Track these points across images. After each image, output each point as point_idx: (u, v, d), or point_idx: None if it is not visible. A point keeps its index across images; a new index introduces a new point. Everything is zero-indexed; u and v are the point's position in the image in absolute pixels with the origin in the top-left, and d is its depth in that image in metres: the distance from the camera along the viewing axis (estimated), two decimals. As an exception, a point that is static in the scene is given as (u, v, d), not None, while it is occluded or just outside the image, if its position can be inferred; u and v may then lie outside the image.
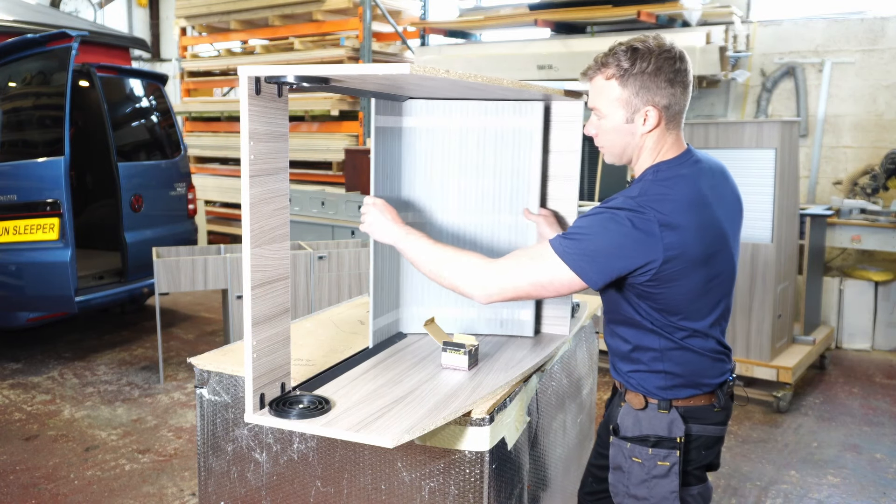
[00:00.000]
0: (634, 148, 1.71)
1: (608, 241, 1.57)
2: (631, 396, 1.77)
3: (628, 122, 1.67)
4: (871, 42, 5.92)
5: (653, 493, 1.72)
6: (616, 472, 1.77)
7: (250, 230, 1.54)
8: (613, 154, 1.75)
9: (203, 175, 9.01)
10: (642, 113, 1.66)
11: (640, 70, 1.63)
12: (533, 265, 1.62)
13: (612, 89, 1.66)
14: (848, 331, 5.57)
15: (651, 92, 1.64)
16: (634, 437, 1.74)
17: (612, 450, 1.77)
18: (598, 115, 1.71)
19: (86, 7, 10.42)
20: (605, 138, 1.73)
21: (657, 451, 1.71)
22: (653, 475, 1.71)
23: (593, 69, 1.69)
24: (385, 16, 7.46)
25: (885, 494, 3.39)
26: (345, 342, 2.13)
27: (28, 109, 5.12)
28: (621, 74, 1.64)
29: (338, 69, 1.49)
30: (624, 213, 1.57)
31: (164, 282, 4.51)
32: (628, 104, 1.66)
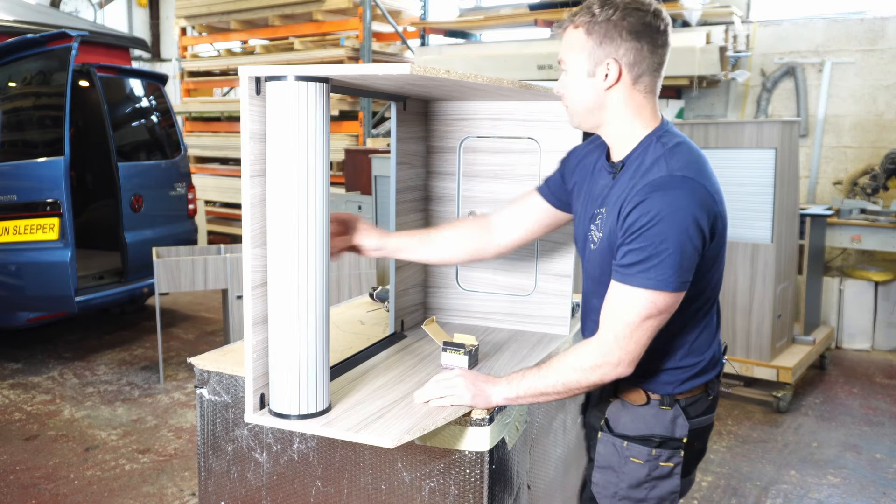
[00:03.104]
0: (599, 108, 1.58)
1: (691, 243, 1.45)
2: (628, 392, 1.65)
3: (590, 77, 1.55)
4: (871, 42, 5.92)
5: (652, 494, 1.63)
6: (605, 471, 1.66)
7: (250, 230, 1.54)
8: (577, 114, 1.61)
9: (203, 175, 9.02)
10: (604, 66, 1.53)
11: (606, 17, 1.51)
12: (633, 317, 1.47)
13: (577, 38, 1.55)
14: (848, 331, 5.57)
15: (614, 44, 1.52)
16: (635, 436, 1.63)
17: (602, 447, 1.66)
18: (563, 68, 1.59)
19: (86, 7, 10.42)
20: (570, 96, 1.60)
21: (661, 452, 1.61)
22: (654, 476, 1.62)
23: (566, 22, 1.59)
24: (385, 16, 7.46)
25: (885, 494, 3.39)
26: (345, 342, 2.13)
27: (28, 109, 5.12)
28: (587, 21, 1.53)
29: (338, 69, 1.49)
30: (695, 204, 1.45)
31: (164, 282, 4.51)
32: (591, 55, 1.53)
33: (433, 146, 2.31)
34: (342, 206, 6.27)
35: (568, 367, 1.54)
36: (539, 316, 2.25)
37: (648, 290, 1.45)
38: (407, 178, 2.22)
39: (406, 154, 2.19)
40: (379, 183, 5.66)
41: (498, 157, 2.26)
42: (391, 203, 2.15)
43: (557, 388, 1.55)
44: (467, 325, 2.33)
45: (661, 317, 1.49)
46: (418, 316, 2.34)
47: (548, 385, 1.55)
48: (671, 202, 1.44)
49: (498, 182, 2.26)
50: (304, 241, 1.52)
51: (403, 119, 2.15)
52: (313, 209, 1.51)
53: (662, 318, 1.50)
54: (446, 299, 2.37)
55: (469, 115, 2.26)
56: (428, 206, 2.35)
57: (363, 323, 2.36)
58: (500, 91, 1.90)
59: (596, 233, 1.62)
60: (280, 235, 1.52)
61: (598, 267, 1.62)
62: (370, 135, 7.53)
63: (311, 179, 1.50)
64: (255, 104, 1.51)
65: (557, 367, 1.55)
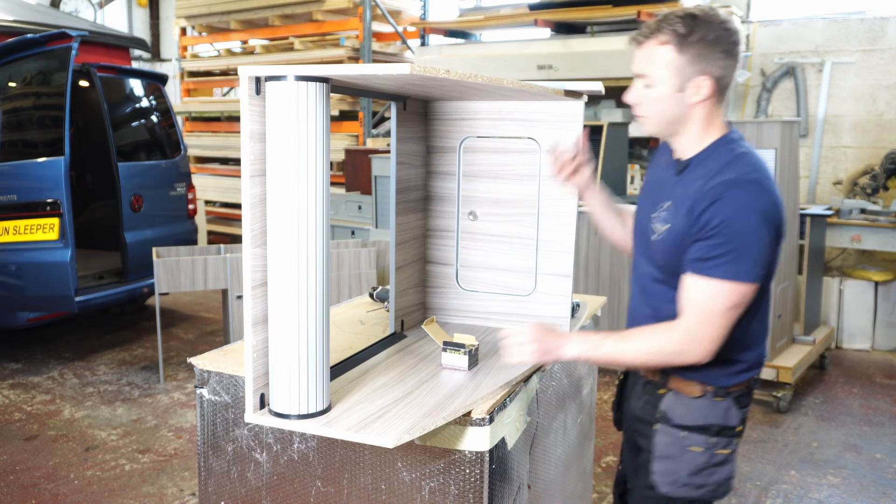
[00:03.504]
0: (681, 120, 1.66)
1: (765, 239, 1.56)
2: (683, 383, 1.72)
3: (679, 91, 1.62)
4: (871, 42, 5.92)
5: (710, 480, 1.71)
6: (665, 460, 1.72)
7: (250, 230, 1.54)
8: (656, 124, 1.69)
9: (203, 175, 9.02)
10: (695, 82, 1.61)
11: (700, 38, 1.58)
12: (716, 307, 1.57)
13: (665, 55, 1.60)
14: (848, 331, 5.57)
15: (707, 61, 1.59)
16: (693, 426, 1.70)
17: (660, 438, 1.73)
18: (647, 82, 1.65)
19: (86, 7, 10.42)
20: (650, 107, 1.67)
21: (718, 440, 1.70)
22: (712, 463, 1.70)
23: (645, 34, 1.63)
24: (385, 16, 7.46)
25: (885, 494, 3.39)
26: (345, 342, 2.13)
27: (28, 109, 5.12)
28: (678, 41, 1.59)
29: (338, 69, 1.49)
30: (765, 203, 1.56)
31: (164, 282, 4.51)
32: (681, 72, 1.60)
33: (433, 146, 2.31)
34: (342, 206, 6.28)
35: (651, 347, 1.64)
36: (539, 316, 2.25)
37: (730, 281, 1.56)
38: (407, 178, 2.22)
39: (406, 154, 2.19)
40: (379, 183, 5.66)
41: (498, 157, 2.26)
42: (391, 203, 2.15)
43: (635, 363, 1.70)
44: (467, 325, 2.33)
45: (741, 307, 1.59)
46: (418, 316, 2.34)
47: (626, 358, 1.69)
48: (746, 200, 1.55)
49: (498, 182, 2.26)
50: (304, 241, 1.52)
51: (403, 119, 2.15)
52: (313, 209, 1.51)
53: (741, 308, 1.60)
54: (446, 299, 2.37)
55: (469, 115, 2.26)
56: (428, 206, 2.35)
57: (363, 323, 2.36)
58: (500, 91, 1.90)
59: (659, 225, 1.70)
60: (280, 235, 1.52)
61: (661, 255, 1.71)
62: (370, 135, 7.53)
63: (311, 179, 1.50)
64: (255, 104, 1.51)
65: (640, 343, 1.66)
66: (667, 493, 1.73)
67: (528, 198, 2.23)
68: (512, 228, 2.26)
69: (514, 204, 2.25)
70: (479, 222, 2.30)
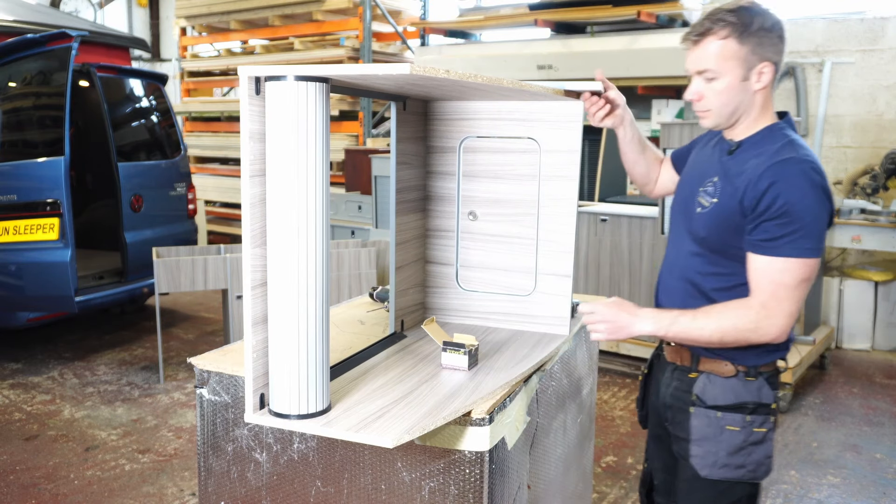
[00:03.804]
0: (745, 107, 1.72)
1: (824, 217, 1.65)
2: (714, 365, 1.76)
3: (744, 80, 1.69)
4: (871, 42, 5.92)
5: (749, 459, 1.74)
6: (702, 442, 1.75)
7: (250, 230, 1.54)
8: (723, 116, 1.74)
9: (203, 175, 9.02)
10: (758, 69, 1.68)
11: (759, 26, 1.66)
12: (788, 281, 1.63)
13: (728, 48, 1.66)
14: (848, 331, 5.57)
15: (766, 48, 1.67)
16: (728, 405, 1.74)
17: (697, 421, 1.76)
18: (711, 76, 1.70)
19: (86, 7, 10.43)
20: (715, 100, 1.71)
21: (755, 418, 1.74)
22: (750, 442, 1.73)
23: (700, 32, 1.69)
24: (385, 16, 7.46)
25: (885, 494, 3.39)
26: (345, 342, 2.13)
27: (28, 109, 5.12)
28: (739, 32, 1.65)
29: (338, 69, 1.49)
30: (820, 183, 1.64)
31: (164, 282, 4.51)
32: (745, 61, 1.67)
33: (433, 146, 2.31)
34: (342, 206, 6.28)
35: (728, 324, 1.66)
36: (539, 316, 2.25)
37: (798, 258, 1.62)
38: (407, 178, 2.22)
39: (406, 154, 2.19)
40: (379, 183, 5.66)
41: (498, 157, 2.26)
42: (391, 203, 2.15)
43: (712, 340, 1.69)
44: (467, 325, 2.33)
45: (810, 282, 1.65)
46: (418, 316, 2.34)
47: (702, 335, 1.69)
48: (807, 181, 1.62)
49: (498, 182, 2.26)
50: (304, 241, 1.52)
51: (403, 119, 2.15)
52: (313, 209, 1.51)
53: (810, 282, 1.65)
54: (446, 299, 2.37)
55: (469, 115, 2.26)
56: (428, 206, 2.35)
57: (363, 323, 2.36)
58: (500, 91, 1.90)
59: (707, 198, 1.76)
60: (280, 235, 1.52)
61: (704, 229, 1.76)
62: (370, 135, 7.53)
63: (311, 179, 1.50)
64: (255, 104, 1.51)
65: (716, 321, 1.67)
66: (707, 476, 1.76)
67: (528, 198, 2.23)
68: (512, 228, 2.26)
69: (514, 204, 2.25)
70: (479, 222, 2.30)
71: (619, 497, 3.35)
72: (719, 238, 1.73)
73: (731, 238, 1.72)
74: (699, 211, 1.77)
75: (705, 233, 1.75)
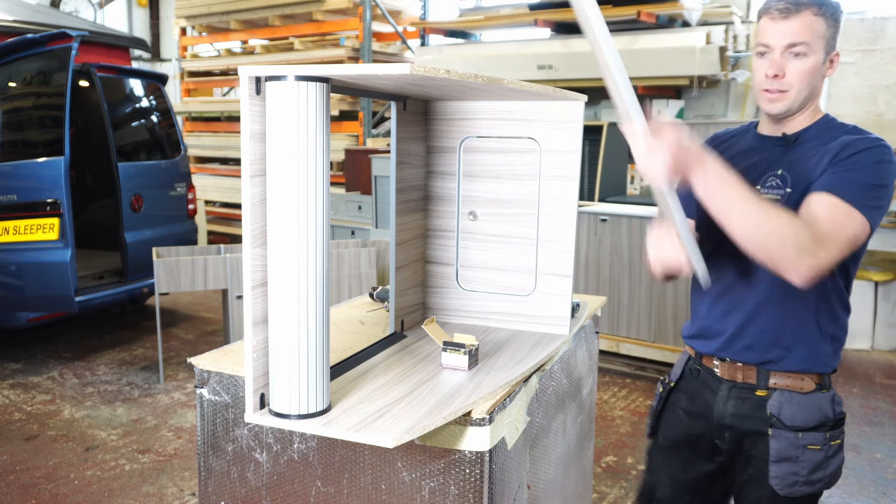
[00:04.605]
0: (816, 94, 1.67)
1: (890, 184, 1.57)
2: (791, 381, 1.70)
3: (823, 64, 1.64)
4: (871, 42, 5.92)
5: (826, 473, 1.71)
6: (783, 464, 1.70)
7: (250, 230, 1.54)
8: (799, 99, 1.65)
9: (203, 175, 9.02)
10: (831, 56, 1.65)
11: (840, 14, 1.64)
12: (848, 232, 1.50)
13: (821, 25, 1.61)
14: (848, 331, 5.56)
15: (837, 36, 1.65)
16: (809, 426, 1.68)
17: (777, 443, 1.69)
18: (802, 50, 1.60)
19: (86, 7, 10.43)
20: (798, 80, 1.62)
21: (833, 433, 1.70)
22: (828, 456, 1.70)
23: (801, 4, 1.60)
24: (385, 16, 7.46)
25: (885, 494, 3.39)
26: (345, 342, 2.13)
27: (28, 109, 5.12)
28: (829, 14, 1.62)
29: (338, 69, 1.49)
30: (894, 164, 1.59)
31: (164, 282, 4.51)
32: (828, 44, 1.63)
33: (433, 146, 2.32)
34: (342, 206, 6.28)
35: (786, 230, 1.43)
36: (539, 316, 2.25)
37: (861, 213, 1.52)
38: (407, 178, 2.22)
39: (406, 154, 2.19)
40: (379, 183, 5.66)
41: (498, 157, 2.26)
42: (391, 203, 2.15)
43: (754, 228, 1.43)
44: (467, 325, 2.33)
45: (857, 247, 1.56)
46: (418, 316, 2.34)
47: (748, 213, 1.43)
48: (890, 153, 1.58)
49: (498, 182, 2.26)
50: (304, 241, 1.52)
51: (403, 119, 2.15)
52: (313, 209, 1.51)
53: (856, 248, 1.56)
54: (446, 299, 2.37)
55: (469, 115, 2.26)
56: (428, 206, 2.35)
57: (363, 323, 2.36)
58: (500, 91, 1.90)
59: (773, 192, 1.67)
60: (280, 235, 1.52)
61: None
62: (370, 135, 7.54)
63: (311, 179, 1.50)
64: (255, 104, 1.51)
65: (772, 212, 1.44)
66: (788, 495, 1.71)
67: (528, 198, 2.23)
68: (512, 228, 2.26)
69: (514, 204, 2.25)
70: (479, 222, 2.30)
71: (619, 497, 3.35)
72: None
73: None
74: None
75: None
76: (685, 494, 1.89)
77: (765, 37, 1.63)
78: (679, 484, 1.90)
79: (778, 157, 1.70)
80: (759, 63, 1.66)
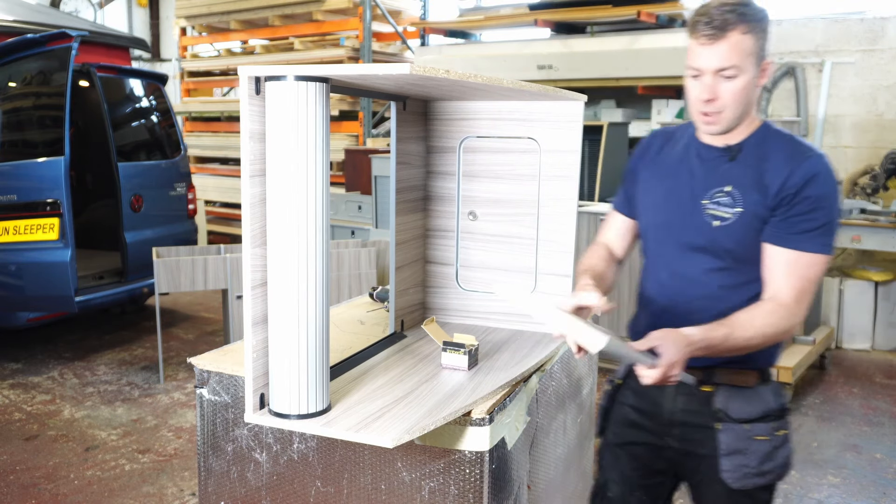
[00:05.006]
0: (751, 107, 1.67)
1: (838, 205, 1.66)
2: (734, 376, 1.73)
3: (755, 76, 1.63)
4: (871, 42, 5.92)
5: (777, 463, 1.74)
6: (734, 456, 1.72)
7: (250, 230, 1.54)
8: (736, 117, 1.65)
9: (203, 175, 9.02)
10: (762, 66, 1.64)
11: (764, 17, 1.61)
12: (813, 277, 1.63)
13: (748, 43, 1.59)
14: (848, 331, 5.57)
15: (767, 43, 1.63)
16: (755, 417, 1.72)
17: (725, 436, 1.72)
18: (732, 73, 1.60)
19: (86, 7, 10.43)
20: (732, 100, 1.62)
21: (777, 423, 1.74)
22: (774, 446, 1.73)
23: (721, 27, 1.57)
24: (385, 16, 7.46)
25: (885, 494, 3.39)
26: (345, 342, 2.13)
27: (28, 109, 5.12)
28: (756, 27, 1.60)
29: (338, 69, 1.49)
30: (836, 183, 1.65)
31: (164, 282, 4.51)
32: (758, 57, 1.62)
33: (433, 146, 2.32)
34: (342, 206, 6.28)
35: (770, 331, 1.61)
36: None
37: (824, 255, 1.63)
38: (407, 178, 2.22)
39: (406, 154, 2.19)
40: (379, 183, 5.66)
41: (498, 157, 2.26)
42: (391, 203, 2.15)
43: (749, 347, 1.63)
44: (467, 325, 2.33)
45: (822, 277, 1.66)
46: (418, 316, 2.34)
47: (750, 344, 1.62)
48: (834, 180, 1.63)
49: (498, 182, 2.27)
50: (304, 241, 1.52)
51: (403, 119, 2.15)
52: (313, 209, 1.51)
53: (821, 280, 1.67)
54: (446, 299, 2.37)
55: (469, 115, 2.26)
56: (428, 206, 2.35)
57: (363, 323, 2.36)
58: (500, 91, 1.90)
59: (725, 209, 1.69)
60: (280, 235, 1.52)
61: (731, 240, 1.69)
62: (370, 135, 7.53)
63: (311, 179, 1.50)
64: (255, 104, 1.51)
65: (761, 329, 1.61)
66: (741, 487, 1.74)
67: (528, 198, 2.23)
68: (512, 228, 2.26)
69: (514, 204, 2.25)
70: (479, 222, 2.30)
71: (619, 497, 3.34)
72: (752, 246, 1.67)
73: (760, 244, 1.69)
74: (717, 224, 1.68)
75: (733, 244, 1.68)
76: (635, 491, 1.89)
77: (695, 61, 1.62)
78: (629, 481, 1.89)
79: (724, 171, 1.70)
80: (692, 85, 1.65)
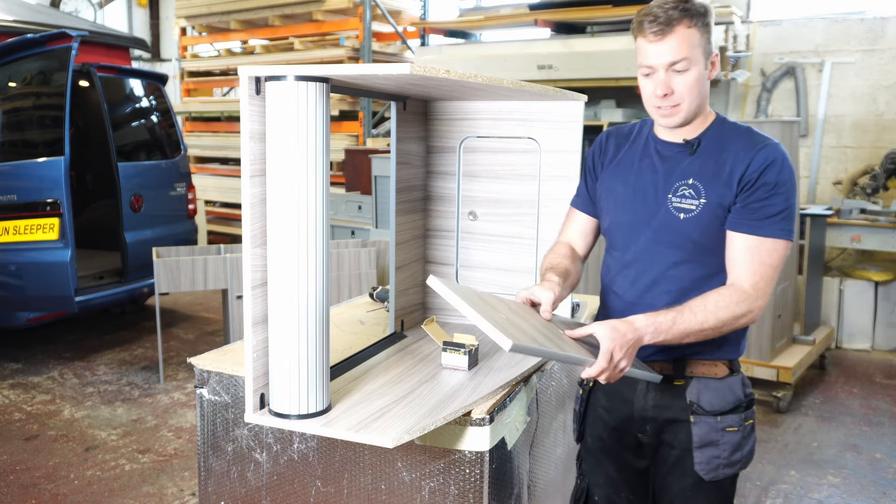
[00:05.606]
0: (705, 97, 1.70)
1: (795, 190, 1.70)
2: (706, 368, 1.75)
3: (705, 69, 1.67)
4: (871, 42, 5.92)
5: (744, 452, 1.77)
6: (707, 448, 1.74)
7: (250, 230, 1.54)
8: (691, 111, 1.68)
9: (203, 175, 9.02)
10: (710, 59, 1.67)
11: (706, 11, 1.65)
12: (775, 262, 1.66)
13: (695, 37, 1.63)
14: (848, 331, 5.57)
15: (713, 34, 1.67)
16: (726, 409, 1.74)
17: (698, 429, 1.74)
18: (684, 66, 1.63)
19: (86, 7, 10.43)
20: (689, 90, 1.65)
21: (746, 414, 1.77)
22: (743, 436, 1.76)
23: (667, 23, 1.61)
24: (385, 16, 7.46)
25: (885, 494, 3.39)
26: (345, 342, 2.13)
27: (28, 109, 5.12)
28: (700, 21, 1.64)
29: (338, 69, 1.49)
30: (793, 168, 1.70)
31: (164, 282, 4.51)
32: (706, 50, 1.65)
33: (433, 146, 2.32)
34: (342, 206, 6.28)
35: (725, 315, 1.62)
36: (539, 316, 2.25)
37: (784, 240, 1.66)
38: (407, 178, 2.22)
39: (406, 154, 2.19)
40: (379, 183, 5.66)
41: (498, 157, 2.26)
42: (391, 203, 2.15)
43: (712, 333, 1.64)
44: (467, 325, 2.33)
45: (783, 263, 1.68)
46: (418, 316, 2.34)
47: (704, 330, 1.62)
48: (790, 166, 1.67)
49: (498, 182, 2.27)
50: (304, 241, 1.52)
51: (403, 119, 2.15)
52: (313, 209, 1.51)
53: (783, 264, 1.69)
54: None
55: (469, 115, 2.26)
56: (428, 206, 2.35)
57: (363, 323, 2.36)
58: (500, 91, 1.90)
59: (689, 202, 1.71)
60: (280, 235, 1.52)
61: (697, 232, 1.71)
62: (370, 135, 7.53)
63: (311, 179, 1.50)
64: (255, 104, 1.51)
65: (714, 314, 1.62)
66: (713, 478, 1.77)
67: (528, 198, 2.23)
68: (512, 228, 2.26)
69: (514, 204, 2.25)
70: (479, 222, 2.30)
71: (619, 497, 3.35)
72: (717, 237, 1.69)
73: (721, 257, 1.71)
74: (684, 217, 1.70)
75: (699, 235, 1.70)
76: (622, 492, 1.90)
77: (646, 59, 1.66)
78: (615, 483, 1.90)
79: (685, 164, 1.73)
80: (646, 83, 1.69)
